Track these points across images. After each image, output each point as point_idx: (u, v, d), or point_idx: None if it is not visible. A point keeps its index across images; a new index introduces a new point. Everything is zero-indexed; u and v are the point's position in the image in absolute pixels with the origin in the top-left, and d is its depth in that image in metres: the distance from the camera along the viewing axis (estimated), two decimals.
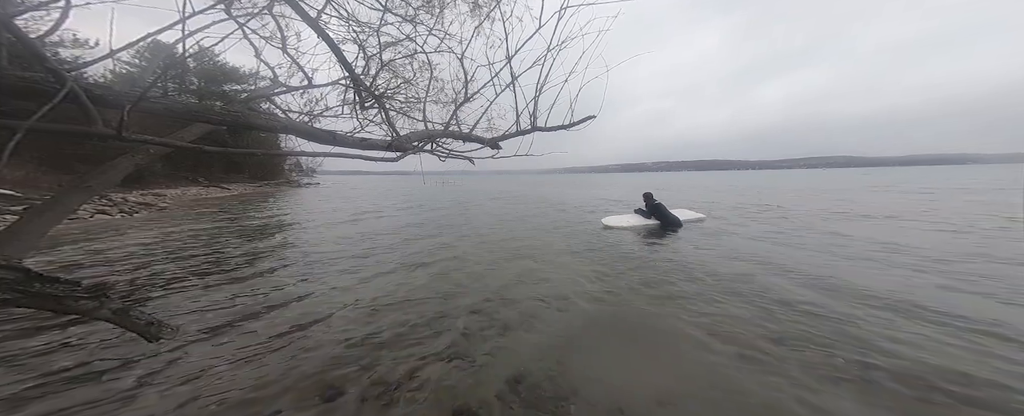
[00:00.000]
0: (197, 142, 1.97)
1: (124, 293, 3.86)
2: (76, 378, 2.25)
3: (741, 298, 3.58)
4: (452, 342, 2.72)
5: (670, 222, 7.92)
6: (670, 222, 7.92)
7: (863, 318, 3.05)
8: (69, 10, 1.31)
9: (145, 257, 5.45)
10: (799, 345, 2.64)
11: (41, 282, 1.08)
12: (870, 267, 4.59)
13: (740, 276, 4.31)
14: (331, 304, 3.53)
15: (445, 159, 2.77)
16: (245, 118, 1.94)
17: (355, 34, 2.46)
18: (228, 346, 2.68)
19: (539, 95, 2.49)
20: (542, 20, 2.18)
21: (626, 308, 3.45)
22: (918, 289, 3.74)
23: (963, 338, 2.68)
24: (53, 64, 1.16)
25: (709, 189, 23.45)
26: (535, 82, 2.44)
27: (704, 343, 2.69)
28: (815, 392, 2.10)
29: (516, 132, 2.70)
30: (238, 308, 3.43)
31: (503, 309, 3.36)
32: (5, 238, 1.38)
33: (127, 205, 11.65)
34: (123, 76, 18.52)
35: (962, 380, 2.18)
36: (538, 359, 2.47)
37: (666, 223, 7.92)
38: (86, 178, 1.70)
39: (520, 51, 2.35)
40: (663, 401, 2.03)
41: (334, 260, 5.33)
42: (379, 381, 2.23)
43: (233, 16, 1.71)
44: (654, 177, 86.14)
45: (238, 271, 4.74)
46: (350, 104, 2.53)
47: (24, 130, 1.08)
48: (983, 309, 3.19)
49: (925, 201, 11.96)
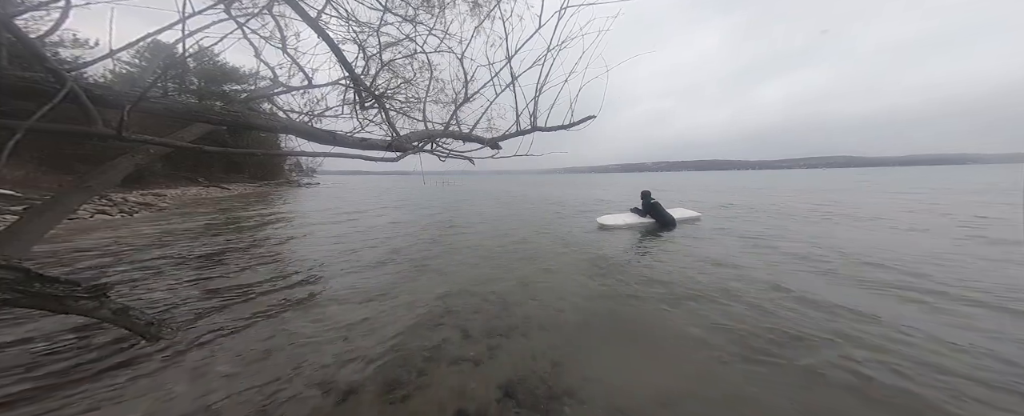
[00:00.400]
0: (197, 142, 1.97)
1: (124, 293, 3.86)
2: (76, 377, 2.25)
3: (728, 294, 3.64)
4: (450, 339, 2.72)
5: (665, 221, 7.92)
6: (665, 221, 7.92)
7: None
8: (69, 10, 1.31)
9: (145, 257, 5.45)
10: (784, 341, 2.64)
11: (41, 282, 1.08)
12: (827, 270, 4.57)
13: (732, 275, 4.31)
14: (330, 303, 3.53)
15: (445, 159, 2.77)
16: (245, 118, 1.94)
17: (355, 34, 2.47)
18: (228, 345, 2.68)
19: (539, 95, 2.49)
20: (542, 20, 2.18)
21: (623, 306, 3.45)
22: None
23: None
24: (53, 64, 1.16)
25: (707, 188, 23.56)
26: (535, 82, 2.45)
27: (701, 340, 2.70)
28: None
29: (516, 132, 2.70)
30: (238, 307, 3.43)
31: (503, 313, 3.35)
32: (5, 238, 1.38)
33: (127, 205, 11.65)
34: (123, 76, 18.53)
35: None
36: (533, 359, 2.47)
37: (662, 222, 7.95)
38: (86, 178, 1.70)
39: (520, 51, 2.35)
40: (665, 402, 2.04)
41: (333, 259, 5.32)
42: (379, 381, 2.23)
43: (233, 16, 1.72)
44: (654, 177, 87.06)
45: (237, 270, 4.74)
46: (350, 104, 2.53)
47: (24, 130, 1.08)
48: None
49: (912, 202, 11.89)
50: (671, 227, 7.80)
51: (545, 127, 2.64)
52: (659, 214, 8.02)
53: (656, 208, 8.10)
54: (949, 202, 11.56)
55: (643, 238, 6.89)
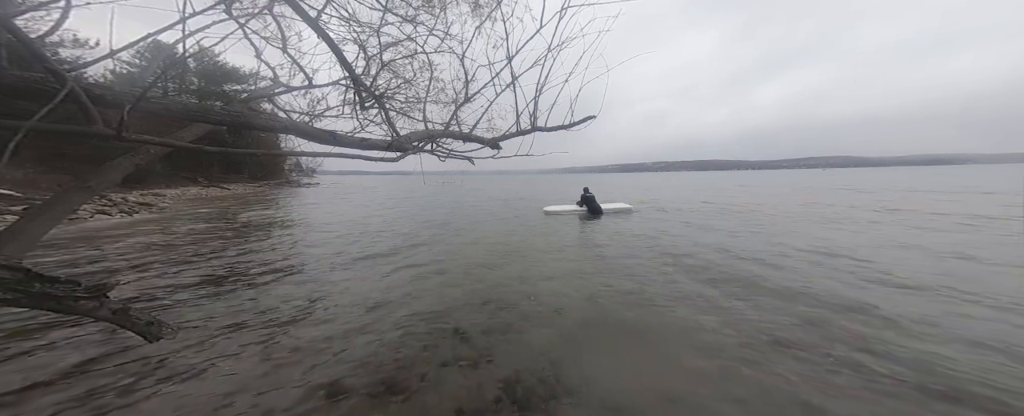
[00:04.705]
0: (197, 142, 1.97)
1: (124, 293, 3.86)
2: (75, 378, 2.25)
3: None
4: (448, 336, 2.73)
5: (593, 210, 10.38)
6: (593, 210, 10.38)
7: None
8: (69, 10, 1.30)
9: (144, 256, 5.44)
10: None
11: (41, 282, 1.07)
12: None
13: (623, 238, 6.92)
14: (330, 303, 3.53)
15: (445, 159, 2.77)
16: (245, 118, 1.94)
17: (355, 34, 2.46)
18: (228, 345, 2.68)
19: (539, 95, 2.49)
20: (543, 20, 2.18)
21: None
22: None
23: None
24: (53, 64, 1.16)
25: (682, 187, 25.93)
26: (535, 82, 2.44)
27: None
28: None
29: (516, 132, 2.70)
30: (237, 307, 3.43)
31: (502, 311, 3.36)
32: (5, 238, 1.38)
33: (127, 205, 11.65)
34: (123, 76, 18.51)
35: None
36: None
37: (591, 211, 10.39)
38: (86, 178, 1.70)
39: (521, 51, 2.35)
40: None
41: (332, 258, 5.32)
42: (380, 380, 2.23)
43: (233, 16, 1.71)
44: (652, 177, 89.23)
45: (236, 270, 4.73)
46: (350, 104, 2.53)
47: (24, 130, 1.08)
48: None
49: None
50: (598, 215, 10.19)
51: (545, 127, 2.64)
52: (592, 206, 10.42)
53: (591, 201, 10.49)
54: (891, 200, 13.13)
55: (580, 221, 9.43)
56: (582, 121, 2.57)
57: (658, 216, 10.43)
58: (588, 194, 10.67)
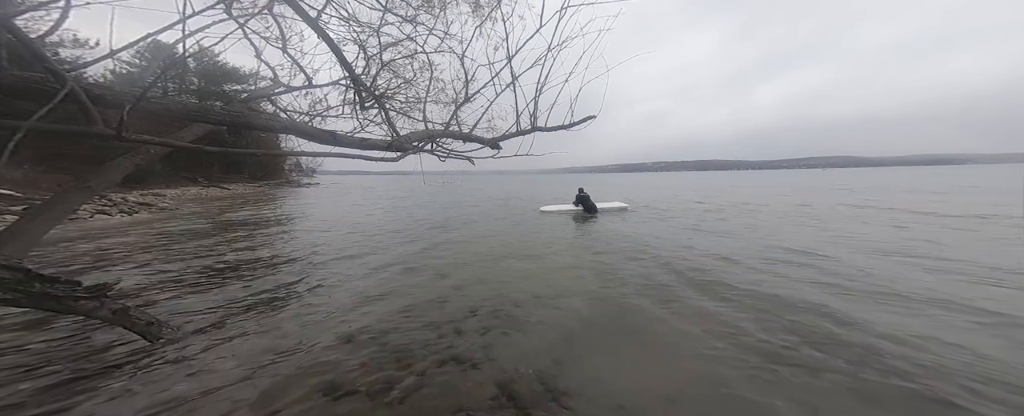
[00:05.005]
0: (197, 142, 1.97)
1: (124, 293, 3.86)
2: (75, 377, 2.25)
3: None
4: (447, 334, 2.73)
5: (588, 208, 10.81)
6: (588, 208, 10.81)
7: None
8: (69, 10, 1.31)
9: (144, 256, 5.44)
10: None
11: (41, 282, 1.08)
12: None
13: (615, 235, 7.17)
14: (330, 302, 3.53)
15: (445, 159, 2.77)
16: (245, 118, 1.94)
17: (355, 34, 2.46)
18: (228, 344, 2.67)
19: (539, 95, 2.49)
20: (543, 20, 2.18)
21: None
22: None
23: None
24: (53, 64, 1.16)
25: (682, 187, 25.02)
26: (535, 82, 2.44)
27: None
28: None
29: (516, 132, 2.70)
30: (237, 306, 3.42)
31: (502, 311, 3.36)
32: (5, 238, 1.38)
33: (127, 205, 11.64)
34: (123, 76, 18.51)
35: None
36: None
37: (586, 210, 10.84)
38: (86, 178, 1.70)
39: (521, 51, 2.35)
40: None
41: (330, 258, 5.32)
42: (379, 380, 2.23)
43: (233, 16, 1.72)
44: (652, 177, 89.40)
45: (235, 269, 4.73)
46: (350, 104, 2.53)
47: (24, 130, 1.08)
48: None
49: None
50: (593, 213, 10.61)
51: (545, 127, 2.64)
52: (587, 205, 10.88)
53: (586, 201, 10.96)
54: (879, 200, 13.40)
55: (575, 221, 9.57)
56: (582, 121, 2.57)
57: (654, 215, 10.55)
58: (582, 194, 11.22)
